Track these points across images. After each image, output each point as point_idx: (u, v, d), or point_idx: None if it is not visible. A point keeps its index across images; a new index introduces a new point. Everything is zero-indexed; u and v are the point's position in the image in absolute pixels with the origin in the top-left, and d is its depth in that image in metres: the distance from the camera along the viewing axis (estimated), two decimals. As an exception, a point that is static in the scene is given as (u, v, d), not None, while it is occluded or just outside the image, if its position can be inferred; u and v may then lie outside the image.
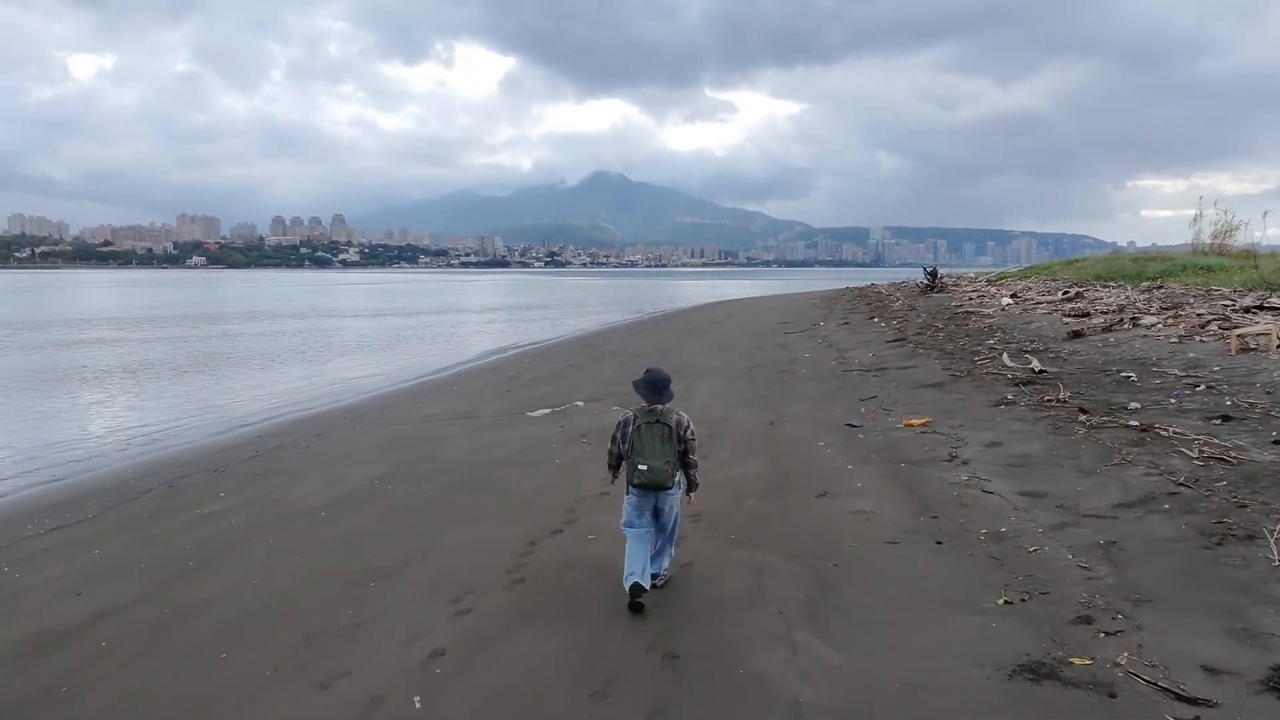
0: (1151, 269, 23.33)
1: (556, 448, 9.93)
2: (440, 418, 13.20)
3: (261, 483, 9.25)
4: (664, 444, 4.90)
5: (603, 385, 15.42)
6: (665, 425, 4.94)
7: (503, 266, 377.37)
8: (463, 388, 17.00)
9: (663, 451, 4.89)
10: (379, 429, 12.51)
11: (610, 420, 11.85)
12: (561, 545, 6.23)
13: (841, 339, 19.74)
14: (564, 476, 8.44)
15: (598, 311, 47.78)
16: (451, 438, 11.14)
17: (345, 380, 19.93)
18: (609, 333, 30.19)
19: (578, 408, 13.14)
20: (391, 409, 14.67)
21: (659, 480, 4.88)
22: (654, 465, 4.87)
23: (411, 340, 30.06)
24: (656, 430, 4.94)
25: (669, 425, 4.94)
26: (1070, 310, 18.02)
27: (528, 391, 15.54)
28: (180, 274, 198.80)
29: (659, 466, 4.87)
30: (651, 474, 4.87)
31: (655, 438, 4.92)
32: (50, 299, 65.03)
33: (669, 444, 4.91)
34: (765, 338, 22.22)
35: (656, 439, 4.91)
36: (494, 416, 12.98)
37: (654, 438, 4.92)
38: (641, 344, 24.19)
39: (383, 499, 8.07)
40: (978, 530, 5.63)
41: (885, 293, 39.46)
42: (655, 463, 4.87)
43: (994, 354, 13.41)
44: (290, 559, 6.40)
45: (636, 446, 4.96)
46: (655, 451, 4.89)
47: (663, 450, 4.89)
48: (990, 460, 7.32)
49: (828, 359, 16.23)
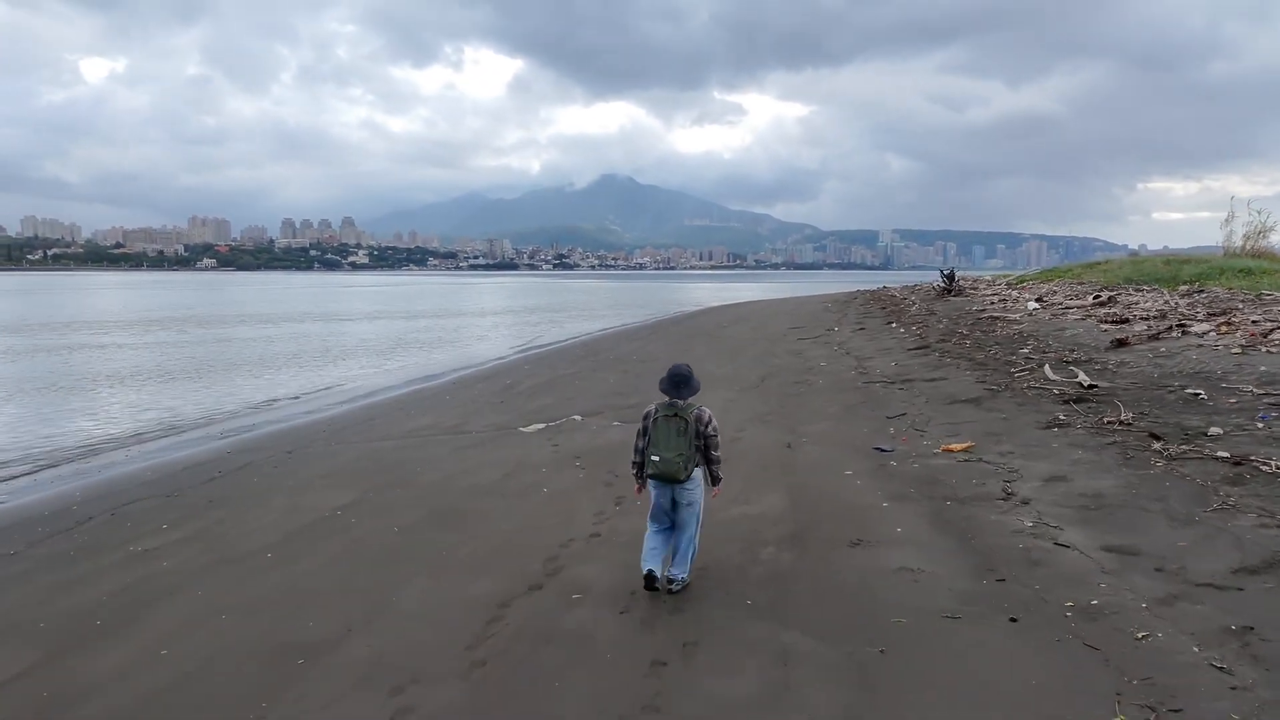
0: (1186, 272, 22.01)
1: (546, 472, 8.79)
2: (425, 432, 12.10)
3: (213, 511, 8.16)
4: (678, 437, 4.94)
5: (603, 397, 14.29)
6: (682, 419, 4.99)
7: (511, 269, 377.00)
8: (455, 397, 15.90)
9: (676, 444, 4.93)
10: (357, 445, 11.42)
11: (608, 439, 10.73)
12: (539, 609, 5.08)
13: (859, 346, 18.54)
14: (552, 510, 7.30)
15: (603, 315, 46.69)
16: (432, 458, 10.04)
17: (335, 388, 18.90)
18: (614, 337, 29.06)
19: (574, 422, 12.01)
20: (376, 421, 13.58)
21: (670, 472, 4.93)
22: (665, 456, 4.92)
23: (411, 345, 29.06)
24: (673, 423, 5.00)
25: (686, 419, 4.99)
26: (1106, 316, 16.78)
27: (523, 403, 14.43)
28: (190, 276, 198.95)
29: (670, 458, 4.91)
30: (663, 465, 4.94)
31: (670, 430, 4.98)
32: (52, 301, 64.33)
33: (684, 437, 4.94)
34: (776, 343, 21.03)
35: (671, 431, 4.97)
36: (483, 432, 11.87)
37: (669, 430, 4.98)
38: (647, 349, 23.05)
39: (340, 537, 6.95)
40: (1060, 601, 4.44)
41: (899, 296, 38.20)
42: (667, 454, 4.92)
43: (1031, 364, 12.20)
44: (214, 621, 5.29)
45: (653, 438, 5.05)
46: (669, 444, 4.94)
47: (676, 443, 4.93)
48: (1055, 500, 6.12)
49: (846, 368, 15.05)
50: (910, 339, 18.18)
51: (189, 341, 29.28)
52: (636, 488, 5.44)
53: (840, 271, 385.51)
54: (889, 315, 26.71)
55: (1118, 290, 21.77)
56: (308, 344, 28.73)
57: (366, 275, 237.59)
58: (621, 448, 9.86)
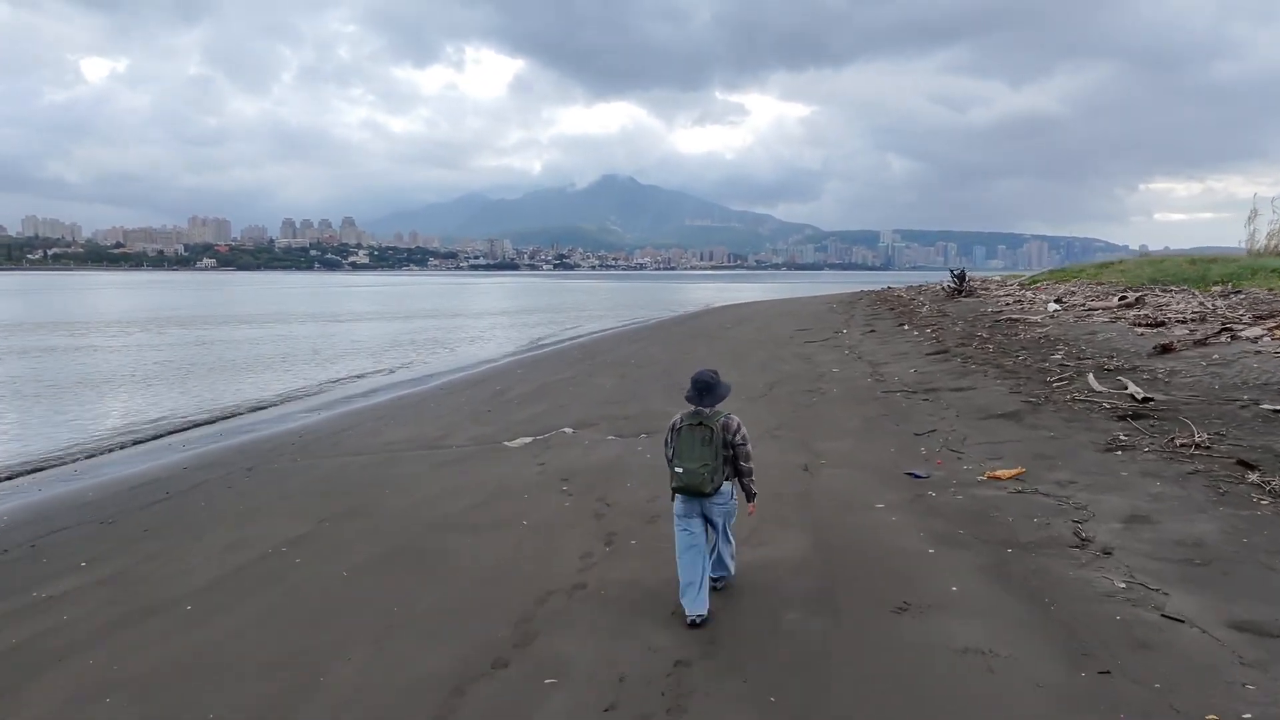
0: (1215, 271, 20.87)
1: (529, 499, 7.67)
2: (401, 446, 10.97)
3: (144, 544, 7.06)
4: (703, 446, 4.63)
5: (599, 405, 13.15)
6: (707, 428, 4.66)
7: (511, 269, 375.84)
8: (440, 405, 14.77)
9: (700, 454, 4.62)
10: (325, 461, 10.31)
11: (601, 457, 9.55)
12: (502, 697, 3.96)
13: (871, 350, 17.40)
14: (530, 549, 6.17)
15: (602, 316, 45.56)
16: (404, 478, 8.91)
17: (317, 393, 17.79)
18: (612, 339, 27.93)
19: (565, 436, 10.88)
20: (350, 432, 12.45)
21: (695, 484, 4.63)
22: (689, 468, 4.62)
23: (404, 346, 27.91)
24: (697, 433, 4.67)
25: (711, 428, 4.66)
26: (1138, 319, 15.64)
27: (512, 412, 13.30)
28: (189, 276, 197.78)
29: (695, 469, 4.61)
30: (687, 477, 4.64)
31: (695, 440, 4.66)
32: (41, 301, 63.20)
33: (709, 447, 4.63)
34: (782, 346, 19.89)
35: (696, 441, 4.66)
36: (464, 446, 10.75)
37: (693, 440, 4.67)
38: (647, 352, 21.91)
39: (278, 584, 5.83)
40: (1197, 714, 3.29)
41: (906, 297, 37.07)
42: (691, 465, 4.61)
43: (1068, 373, 11.07)
44: (97, 704, 4.18)
45: (677, 449, 4.74)
46: (693, 454, 4.63)
47: (701, 453, 4.62)
48: (1145, 549, 4.97)
49: (860, 375, 13.91)
50: (926, 342, 17.05)
51: (169, 343, 28.12)
52: None
53: (841, 272, 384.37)
54: (899, 317, 25.59)
55: (1143, 291, 20.63)
56: (297, 346, 27.59)
57: (366, 275, 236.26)
58: (615, 467, 8.75)
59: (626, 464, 8.75)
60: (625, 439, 10.38)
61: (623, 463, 8.82)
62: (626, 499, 7.37)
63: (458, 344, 29.23)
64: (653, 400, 13.28)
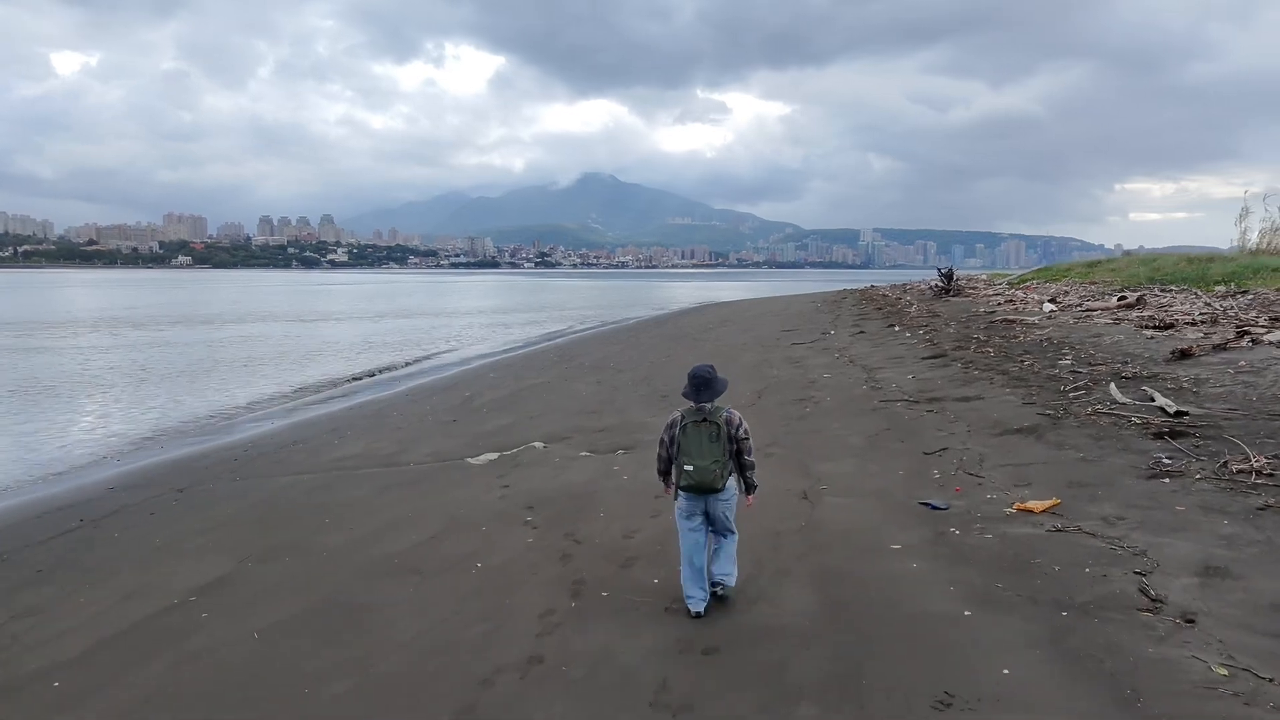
0: (1215, 271, 20.14)
1: (487, 532, 6.64)
2: (352, 464, 9.91)
3: (33, 591, 6.02)
4: (711, 443, 4.57)
5: (573, 415, 12.13)
6: (713, 424, 4.61)
7: (493, 267, 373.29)
8: (403, 414, 13.70)
9: (710, 451, 4.57)
10: (265, 482, 9.23)
11: (572, 479, 8.49)
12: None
13: (863, 353, 16.49)
14: (482, 604, 5.14)
15: (582, 316, 44.50)
16: (348, 505, 7.86)
17: (274, 400, 16.62)
18: (590, 340, 26.90)
19: (534, 452, 9.85)
20: (301, 446, 11.37)
21: (707, 481, 4.57)
22: (700, 465, 4.55)
23: (376, 348, 26.67)
24: (704, 429, 4.60)
25: (717, 424, 4.61)
26: (1143, 320, 14.82)
27: (479, 422, 12.27)
28: (163, 274, 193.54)
29: (706, 467, 4.55)
30: (699, 474, 4.56)
31: (702, 437, 4.59)
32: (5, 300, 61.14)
33: (717, 443, 4.58)
34: (769, 349, 18.96)
35: (704, 438, 4.58)
36: (422, 464, 9.70)
37: (700, 437, 4.59)
38: (626, 355, 20.91)
39: (175, 648, 4.81)
40: None
41: (892, 296, 36.30)
42: (702, 463, 4.55)
43: (1081, 380, 10.17)
44: None
45: (683, 447, 4.64)
46: (702, 451, 4.57)
47: (710, 449, 4.57)
48: (1235, 615, 3.99)
49: (854, 381, 12.96)
50: (921, 345, 16.15)
51: (123, 345, 26.72)
52: (666, 488, 5.01)
53: (822, 270, 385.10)
54: (887, 317, 24.74)
55: (1141, 291, 19.87)
56: (261, 348, 26.27)
57: (345, 274, 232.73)
58: (588, 492, 7.74)
59: (600, 488, 7.73)
60: (600, 456, 9.36)
61: (596, 487, 7.80)
62: (599, 534, 6.35)
63: (430, 345, 28.08)
64: (631, 410, 12.28)
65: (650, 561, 5.49)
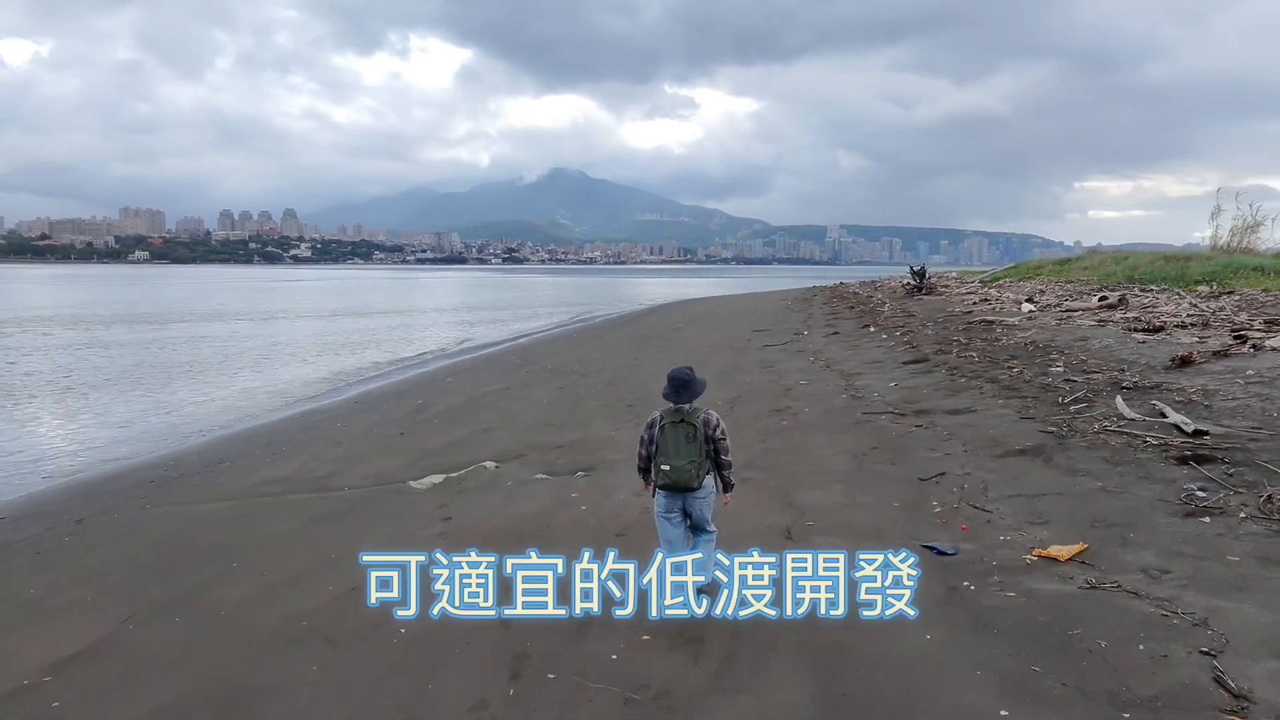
0: (1194, 270, 19.67)
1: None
2: (280, 487, 8.85)
3: None
4: (688, 443, 4.66)
5: (530, 429, 11.14)
6: (690, 425, 4.69)
7: (460, 263, 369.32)
8: (347, 425, 12.62)
9: (686, 451, 4.65)
10: (179, 510, 8.14)
11: (525, 510, 7.46)
12: None
13: (839, 356, 15.68)
14: (397, 689, 4.15)
15: (548, 313, 43.42)
16: (261, 545, 6.80)
17: (209, 408, 15.36)
18: (553, 341, 25.87)
19: (485, 474, 8.86)
20: (227, 465, 10.27)
21: (683, 480, 4.66)
22: (677, 465, 4.64)
23: (330, 349, 25.28)
24: (681, 430, 4.69)
25: (694, 424, 4.69)
26: (1129, 322, 14.20)
27: (428, 436, 11.25)
28: (118, 269, 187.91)
29: (682, 466, 4.64)
30: (675, 474, 4.65)
31: (680, 437, 4.68)
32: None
33: (694, 444, 4.67)
34: (741, 353, 18.10)
35: (681, 438, 4.67)
36: (359, 488, 8.66)
37: (678, 437, 4.68)
38: (591, 356, 19.94)
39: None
40: None
41: (863, 294, 35.73)
42: (679, 462, 4.64)
43: (1078, 389, 9.41)
44: None
45: (661, 447, 4.72)
46: (679, 451, 4.66)
47: (687, 450, 4.66)
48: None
49: (833, 389, 12.13)
50: (900, 349, 15.38)
51: (51, 347, 25.01)
52: (646, 485, 5.03)
53: (790, 267, 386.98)
54: (861, 316, 24.04)
55: (1121, 290, 19.34)
56: (202, 350, 24.75)
57: (308, 270, 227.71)
58: (540, 527, 6.77)
59: (554, 523, 6.76)
60: (557, 479, 8.39)
61: (550, 521, 6.83)
62: (549, 587, 5.39)
63: (388, 345, 26.84)
64: (594, 423, 11.32)
65: (607, 629, 4.55)
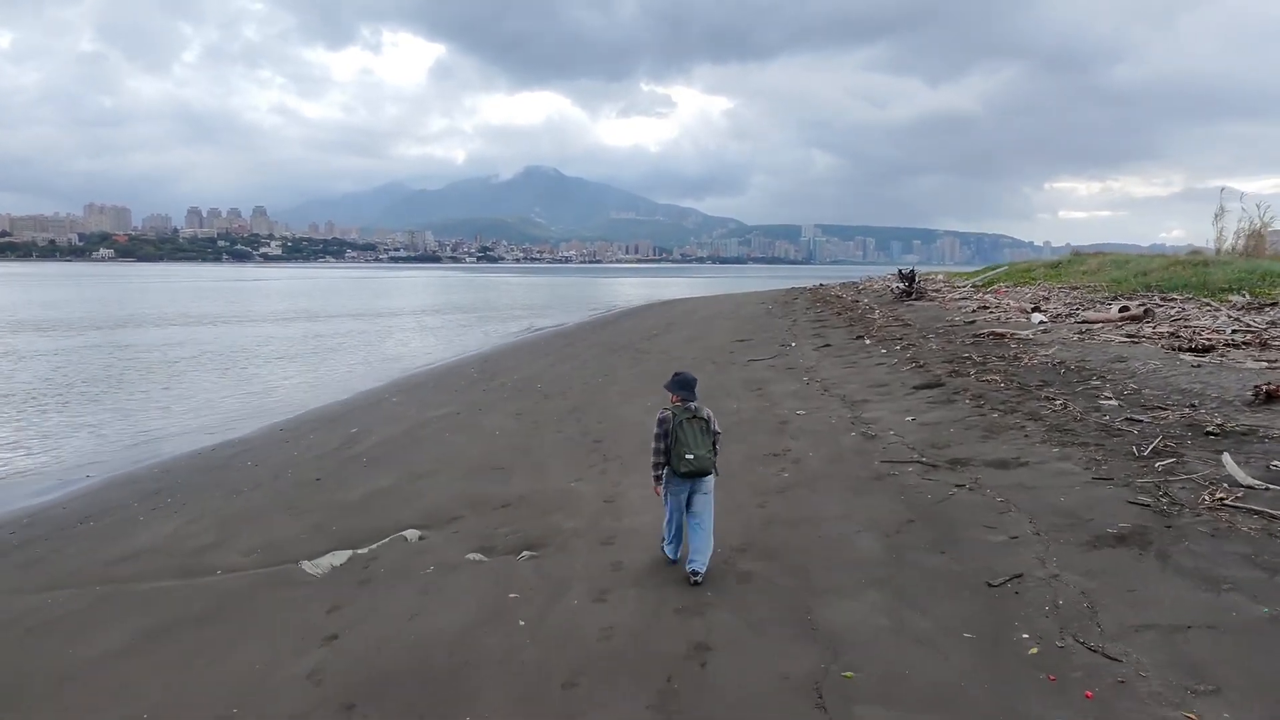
0: (1218, 276, 18.00)
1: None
2: (135, 569, 6.81)
3: None
4: (703, 435, 5.43)
5: (475, 474, 9.08)
6: (702, 419, 5.46)
7: (434, 262, 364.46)
8: (258, 466, 10.55)
9: (703, 442, 5.42)
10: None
11: (438, 623, 4.95)
12: None
13: (837, 377, 13.75)
14: None
15: (518, 317, 41.25)
16: (61, 682, 4.73)
17: (106, 440, 13.09)
18: (519, 351, 23.74)
19: (402, 550, 6.83)
20: (81, 530, 8.20)
21: (704, 467, 5.42)
22: (700, 455, 5.38)
23: (271, 362, 22.78)
24: (696, 424, 5.42)
25: (704, 419, 5.48)
26: (1171, 340, 12.42)
27: (348, 483, 9.17)
28: (74, 268, 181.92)
29: (704, 455, 5.40)
30: (698, 462, 5.37)
31: (696, 430, 5.41)
32: None
33: (707, 435, 5.46)
34: (724, 369, 16.13)
35: (697, 431, 5.41)
36: (236, 571, 6.60)
37: (694, 430, 5.40)
38: (557, 371, 17.89)
39: None
40: None
41: (846, 298, 33.98)
42: (700, 452, 5.39)
43: (1148, 432, 7.55)
44: None
45: (680, 439, 5.37)
46: (698, 442, 5.39)
47: (703, 441, 5.42)
48: None
49: (838, 423, 10.18)
50: (906, 368, 13.49)
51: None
52: (656, 489, 5.73)
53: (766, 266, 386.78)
54: (850, 325, 22.20)
55: (1141, 299, 17.62)
56: (119, 363, 22.22)
57: (278, 268, 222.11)
58: (455, 665, 4.67)
59: (481, 655, 4.69)
60: (496, 562, 6.34)
61: (473, 650, 4.76)
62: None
63: (340, 355, 24.57)
64: (551, 466, 9.28)
65: None
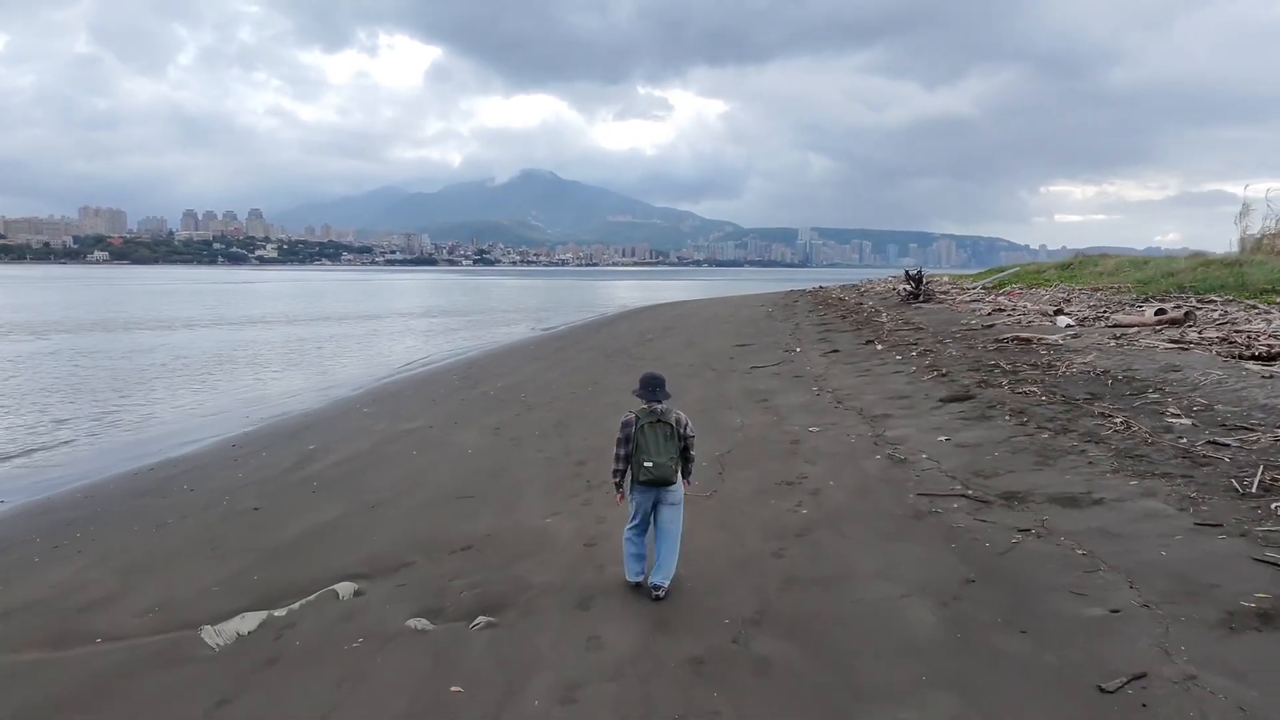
0: (1257, 277, 16.70)
1: None
2: (12, 631, 5.42)
3: None
4: (667, 442, 5.03)
5: (437, 505, 7.72)
6: (667, 424, 5.07)
7: (430, 264, 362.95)
8: (194, 491, 9.18)
9: (666, 449, 5.02)
10: None
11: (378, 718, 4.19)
12: None
13: (851, 387, 12.41)
14: None
15: (510, 320, 39.95)
16: None
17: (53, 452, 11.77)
18: (507, 356, 22.35)
19: (330, 612, 5.47)
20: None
21: (664, 476, 5.02)
22: (659, 462, 4.99)
23: (244, 366, 21.43)
24: (660, 429, 5.05)
25: (670, 424, 5.08)
26: (1223, 346, 11.12)
27: (288, 514, 7.83)
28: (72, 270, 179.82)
29: (664, 463, 5.00)
30: (657, 470, 4.99)
31: (659, 436, 5.03)
32: None
33: (671, 441, 5.05)
34: (724, 377, 14.79)
35: (660, 437, 5.03)
36: (116, 640, 5.25)
37: (657, 436, 5.03)
38: (545, 378, 16.54)
39: None
40: None
41: (849, 300, 32.67)
42: (660, 459, 5.00)
43: (1239, 459, 6.24)
44: None
45: (641, 445, 5.04)
46: (659, 449, 5.01)
47: (666, 448, 5.02)
48: None
49: (859, 444, 8.84)
50: (926, 375, 12.16)
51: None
52: (618, 496, 5.41)
53: (763, 269, 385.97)
54: (857, 328, 20.88)
55: (1175, 300, 16.32)
56: (82, 368, 20.91)
57: (273, 270, 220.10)
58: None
59: None
60: (441, 631, 4.98)
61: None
62: None
63: (319, 361, 23.22)
64: (526, 495, 7.93)
65: None
